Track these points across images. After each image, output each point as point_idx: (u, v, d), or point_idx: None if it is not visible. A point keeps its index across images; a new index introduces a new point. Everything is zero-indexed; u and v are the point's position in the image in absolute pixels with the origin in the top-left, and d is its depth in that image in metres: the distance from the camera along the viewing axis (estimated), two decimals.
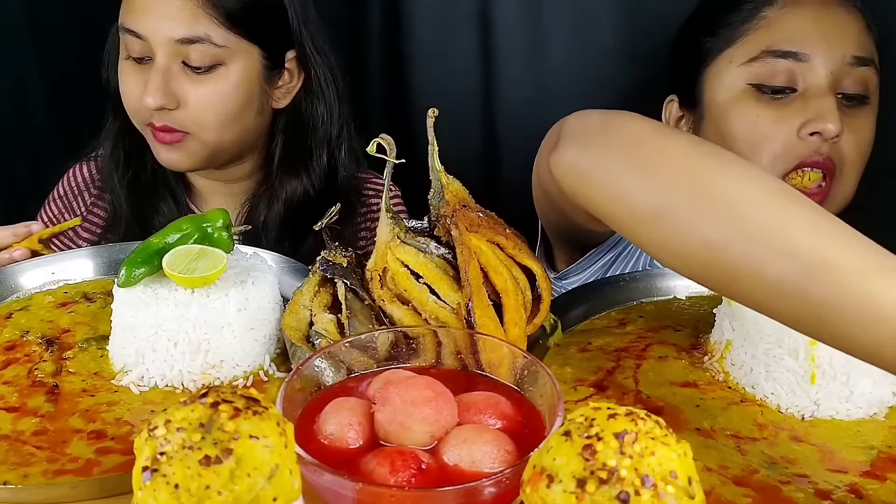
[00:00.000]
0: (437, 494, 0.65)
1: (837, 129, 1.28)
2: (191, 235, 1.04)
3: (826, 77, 1.31)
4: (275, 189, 1.54)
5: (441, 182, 1.00)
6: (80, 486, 0.82)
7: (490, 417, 0.74)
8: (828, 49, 1.31)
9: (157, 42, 1.38)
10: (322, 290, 1.02)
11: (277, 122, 1.56)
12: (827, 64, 1.31)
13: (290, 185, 1.53)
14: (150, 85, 1.37)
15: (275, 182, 1.54)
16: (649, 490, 0.52)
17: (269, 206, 1.54)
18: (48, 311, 1.14)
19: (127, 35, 1.41)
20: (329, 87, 1.55)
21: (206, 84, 1.40)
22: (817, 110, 1.30)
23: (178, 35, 1.37)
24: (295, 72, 1.53)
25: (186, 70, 1.39)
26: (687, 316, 1.14)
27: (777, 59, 1.33)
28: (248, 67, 1.44)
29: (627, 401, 0.96)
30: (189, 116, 1.41)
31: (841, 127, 1.29)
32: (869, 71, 1.32)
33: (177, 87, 1.39)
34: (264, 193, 1.56)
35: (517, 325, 0.94)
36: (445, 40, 1.84)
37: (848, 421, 0.93)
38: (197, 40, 1.38)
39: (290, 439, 0.58)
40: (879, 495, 0.82)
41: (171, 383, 0.98)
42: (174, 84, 1.39)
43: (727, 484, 0.83)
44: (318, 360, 0.79)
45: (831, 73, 1.31)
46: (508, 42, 1.78)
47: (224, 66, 1.41)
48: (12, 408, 0.95)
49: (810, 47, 1.32)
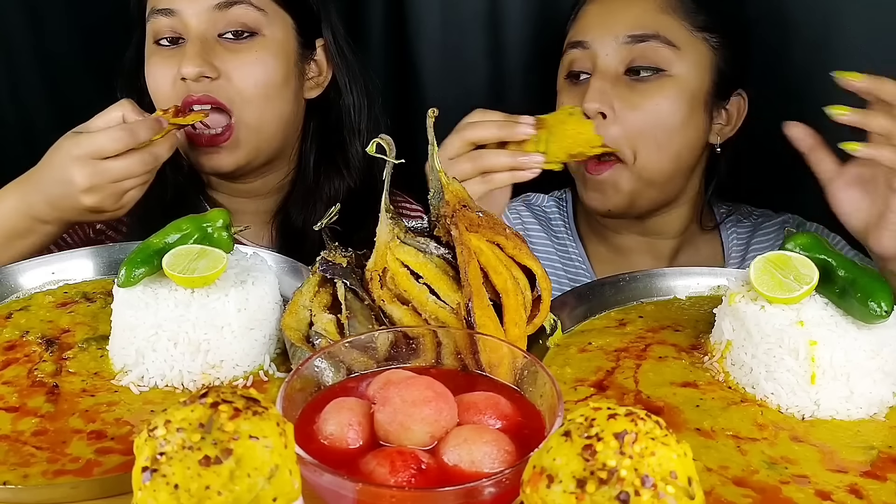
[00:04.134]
0: (437, 494, 0.65)
1: (594, 108, 1.35)
2: (191, 235, 1.04)
3: (603, 60, 1.39)
4: (314, 193, 1.50)
5: (441, 182, 1.00)
6: (81, 486, 0.82)
7: (490, 417, 0.74)
8: (602, 34, 1.40)
9: (193, 13, 1.35)
10: (322, 290, 1.02)
11: (309, 122, 1.53)
12: (602, 48, 1.40)
13: (332, 184, 1.50)
14: (189, 54, 1.33)
15: (314, 186, 1.50)
16: (649, 490, 0.52)
17: (310, 210, 1.49)
18: (48, 311, 1.14)
19: (157, 18, 1.37)
20: (356, 81, 1.53)
21: (247, 53, 1.37)
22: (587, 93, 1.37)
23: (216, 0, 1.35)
24: (324, 64, 1.51)
25: (223, 42, 1.37)
26: (687, 316, 1.14)
27: (571, 49, 1.45)
28: (284, 38, 1.42)
29: (627, 401, 0.96)
30: (232, 87, 1.36)
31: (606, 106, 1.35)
32: (653, 45, 1.37)
33: (215, 58, 1.35)
34: (297, 199, 1.51)
35: (517, 325, 0.94)
36: (450, 40, 1.84)
37: (848, 421, 0.93)
38: (236, 2, 1.36)
39: (290, 439, 0.58)
40: (879, 495, 0.82)
41: (171, 383, 0.98)
42: (212, 55, 1.35)
43: (727, 484, 0.83)
44: (318, 360, 0.79)
45: (607, 56, 1.39)
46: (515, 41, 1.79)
47: (262, 36, 1.39)
48: (12, 408, 0.95)
49: (590, 35, 1.42)
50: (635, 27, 1.38)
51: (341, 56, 1.52)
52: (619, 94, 1.37)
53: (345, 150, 1.52)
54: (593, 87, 1.37)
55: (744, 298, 0.98)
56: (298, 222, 1.50)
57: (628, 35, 1.38)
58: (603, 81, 1.38)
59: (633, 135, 1.37)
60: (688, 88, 1.39)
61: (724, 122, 1.47)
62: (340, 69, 1.51)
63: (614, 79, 1.38)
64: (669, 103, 1.38)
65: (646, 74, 1.37)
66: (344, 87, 1.52)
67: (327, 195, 1.50)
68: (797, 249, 0.99)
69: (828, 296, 0.96)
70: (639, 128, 1.37)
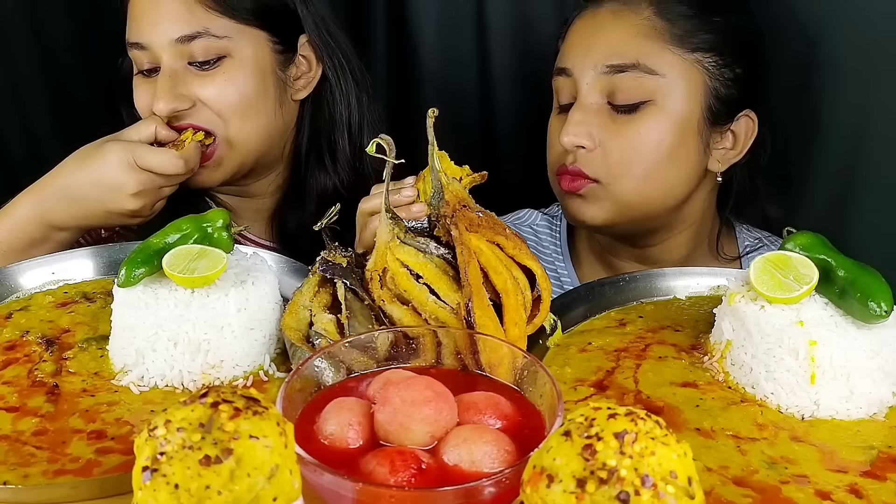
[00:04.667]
0: (437, 494, 0.65)
1: (572, 142, 1.30)
2: (191, 235, 1.04)
3: (583, 89, 1.32)
4: (304, 189, 1.52)
5: (441, 182, 1.00)
6: (80, 486, 0.82)
7: (490, 417, 0.74)
8: (582, 61, 1.33)
9: (159, 47, 1.36)
10: (322, 290, 1.02)
11: (303, 120, 1.53)
12: (583, 76, 1.32)
13: (319, 180, 1.51)
14: (159, 90, 1.35)
15: (303, 181, 1.52)
16: (649, 490, 0.52)
17: (301, 208, 1.51)
18: (48, 311, 1.14)
19: (134, 50, 1.39)
20: (345, 73, 1.52)
21: (216, 77, 1.38)
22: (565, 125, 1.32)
23: (177, 34, 1.35)
24: (312, 60, 1.50)
25: (193, 70, 1.37)
26: (687, 316, 1.14)
27: (558, 76, 1.38)
28: (256, 54, 1.41)
29: (627, 401, 0.96)
30: (208, 112, 1.38)
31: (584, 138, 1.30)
32: (634, 75, 1.29)
33: (185, 88, 1.37)
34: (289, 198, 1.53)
35: (517, 325, 0.94)
36: (448, 40, 1.84)
37: (848, 421, 0.93)
38: (196, 36, 1.35)
39: (290, 439, 0.58)
40: (879, 495, 0.82)
41: (171, 383, 0.98)
42: (182, 86, 1.37)
43: (727, 484, 0.83)
44: (318, 360, 0.79)
45: (587, 85, 1.32)
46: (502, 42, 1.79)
47: (230, 58, 1.38)
48: (12, 408, 0.95)
49: (571, 61, 1.35)
50: (613, 56, 1.30)
51: (327, 47, 1.50)
52: (601, 124, 1.30)
53: (333, 146, 1.52)
54: (571, 120, 1.31)
55: (744, 298, 0.98)
56: (293, 224, 1.52)
57: (606, 65, 1.30)
58: (583, 113, 1.31)
59: (614, 165, 1.31)
60: (675, 117, 1.30)
61: (728, 146, 1.37)
62: (328, 64, 1.51)
63: (596, 109, 1.31)
64: (654, 133, 1.30)
65: (628, 107, 1.30)
66: (333, 80, 1.51)
67: (315, 192, 1.51)
68: (797, 249, 0.99)
69: (828, 296, 0.96)
70: (621, 159, 1.30)
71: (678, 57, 1.30)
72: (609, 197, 1.33)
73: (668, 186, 1.34)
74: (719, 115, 1.34)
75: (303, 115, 1.53)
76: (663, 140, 1.30)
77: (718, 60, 1.32)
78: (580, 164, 1.32)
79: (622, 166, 1.31)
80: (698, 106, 1.32)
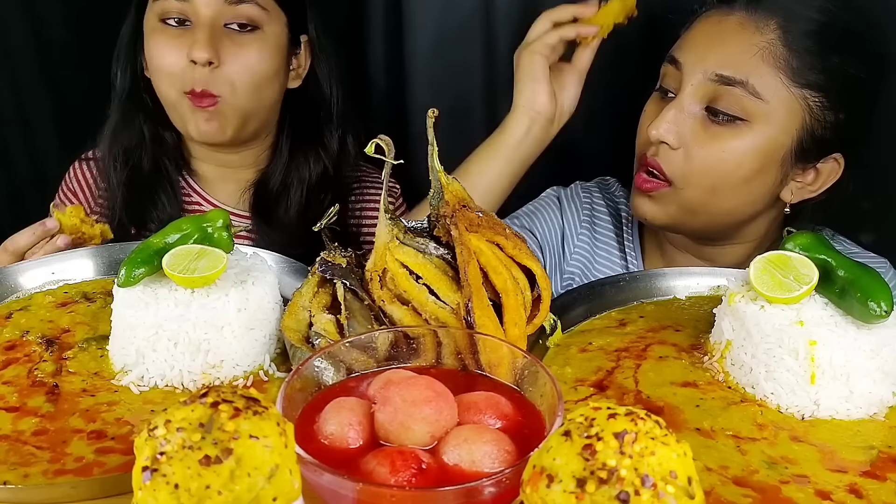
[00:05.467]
0: (437, 494, 0.65)
1: (658, 136, 1.32)
2: (191, 235, 1.04)
3: (687, 89, 1.32)
4: (290, 170, 1.59)
5: (441, 182, 1.00)
6: (81, 486, 0.82)
7: (490, 417, 0.74)
8: (695, 62, 1.33)
9: (205, 2, 1.42)
10: (321, 290, 1.02)
11: (287, 106, 1.61)
12: (691, 75, 1.33)
13: (309, 165, 1.59)
14: (200, 39, 1.41)
15: (292, 165, 1.59)
16: (649, 490, 0.53)
17: (284, 187, 1.58)
18: (48, 311, 1.14)
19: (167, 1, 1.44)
20: (333, 73, 1.61)
21: (248, 46, 1.46)
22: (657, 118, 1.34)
23: None
24: (304, 58, 1.59)
25: (228, 32, 1.45)
26: (687, 316, 1.14)
27: (668, 64, 1.38)
28: (279, 35, 1.51)
29: (627, 401, 0.96)
30: (225, 78, 1.44)
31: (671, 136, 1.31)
32: (738, 91, 1.28)
33: (220, 46, 1.43)
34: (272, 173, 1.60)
35: (517, 325, 0.94)
36: (447, 40, 1.84)
37: (848, 421, 0.93)
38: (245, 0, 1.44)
39: (290, 439, 0.58)
40: (879, 495, 0.82)
41: (171, 383, 0.98)
42: (217, 43, 1.43)
43: (727, 484, 0.83)
44: (318, 360, 0.79)
45: (692, 86, 1.32)
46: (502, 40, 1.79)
47: (261, 31, 1.47)
48: (12, 408, 0.95)
49: (686, 57, 1.35)
50: (725, 66, 1.29)
51: (323, 50, 1.60)
52: (692, 129, 1.31)
53: (321, 135, 1.61)
54: (665, 116, 1.32)
55: (743, 298, 0.98)
56: (273, 191, 1.59)
57: (716, 73, 1.29)
58: (678, 112, 1.32)
59: (692, 171, 1.32)
60: (764, 144, 1.29)
61: (808, 182, 1.36)
62: (320, 62, 1.60)
63: (693, 112, 1.32)
64: (739, 154, 1.30)
65: (724, 118, 1.30)
66: (323, 78, 1.61)
67: (303, 175, 1.59)
68: (797, 249, 0.99)
69: (828, 296, 0.96)
70: (700, 167, 1.31)
71: (786, 88, 1.29)
72: (676, 202, 1.35)
73: (734, 206, 1.35)
74: (808, 152, 1.32)
75: (290, 105, 1.61)
76: (745, 163, 1.30)
77: (824, 102, 1.30)
78: (660, 160, 1.34)
79: (697, 175, 1.32)
80: (790, 140, 1.30)
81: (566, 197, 1.60)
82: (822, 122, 1.30)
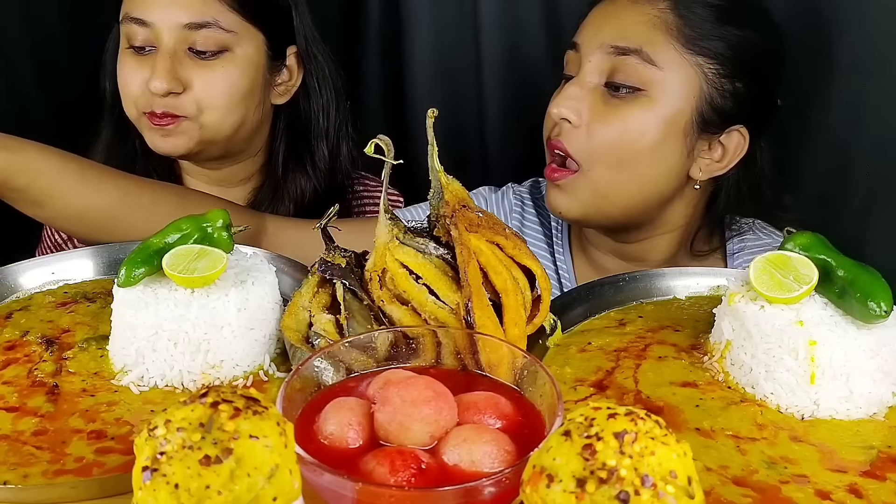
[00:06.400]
0: (437, 494, 0.65)
1: (559, 114, 1.33)
2: (191, 235, 1.04)
3: (586, 66, 1.34)
4: (282, 189, 1.57)
5: (440, 182, 1.00)
6: (80, 486, 0.82)
7: (490, 417, 0.74)
8: (591, 39, 1.35)
9: (164, 27, 1.39)
10: (321, 290, 1.02)
11: (279, 121, 1.58)
12: (588, 53, 1.34)
13: (298, 183, 1.56)
14: (158, 69, 1.39)
15: (281, 182, 1.57)
16: (649, 490, 0.53)
17: (276, 207, 1.56)
18: (48, 311, 1.14)
19: (131, 25, 1.42)
20: (326, 86, 1.58)
21: (214, 69, 1.42)
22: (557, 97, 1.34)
23: (187, 20, 1.39)
24: (295, 70, 1.56)
25: (192, 56, 1.41)
26: (687, 316, 1.14)
27: (568, 50, 1.39)
28: (253, 54, 1.46)
29: (627, 401, 0.96)
30: (192, 100, 1.42)
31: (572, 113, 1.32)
32: (634, 60, 1.30)
33: (183, 72, 1.40)
34: (266, 194, 1.58)
35: (517, 325, 0.94)
36: (444, 41, 1.85)
37: (848, 421, 0.93)
38: (205, 25, 1.40)
39: (290, 439, 0.58)
40: (879, 495, 0.82)
41: (171, 383, 0.98)
42: (180, 69, 1.40)
43: (727, 484, 0.83)
44: (318, 360, 0.79)
45: (589, 62, 1.34)
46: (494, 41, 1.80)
47: (230, 52, 1.44)
48: (12, 408, 0.94)
49: (582, 38, 1.36)
50: (620, 38, 1.32)
51: (312, 62, 1.56)
52: (593, 105, 1.32)
53: (312, 151, 1.58)
54: (564, 93, 1.34)
55: (743, 298, 0.98)
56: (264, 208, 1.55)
57: (611, 45, 1.32)
58: (578, 88, 1.34)
59: (595, 148, 1.32)
60: (664, 113, 1.31)
61: (715, 158, 1.37)
62: (310, 74, 1.57)
63: (592, 88, 1.33)
64: (639, 124, 1.31)
65: (623, 92, 1.31)
66: (313, 91, 1.58)
67: (293, 193, 1.57)
68: (797, 249, 0.99)
69: (827, 296, 0.96)
70: (602, 142, 1.32)
71: (679, 55, 1.31)
72: (586, 186, 1.34)
73: (644, 182, 1.35)
74: (710, 122, 1.34)
75: (281, 121, 1.59)
76: (646, 132, 1.32)
77: (720, 70, 1.32)
78: (563, 139, 1.34)
79: (601, 151, 1.32)
80: (689, 108, 1.32)
81: (496, 201, 1.58)
82: (720, 90, 1.33)
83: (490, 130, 1.90)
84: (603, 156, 1.32)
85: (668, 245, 1.45)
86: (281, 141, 1.59)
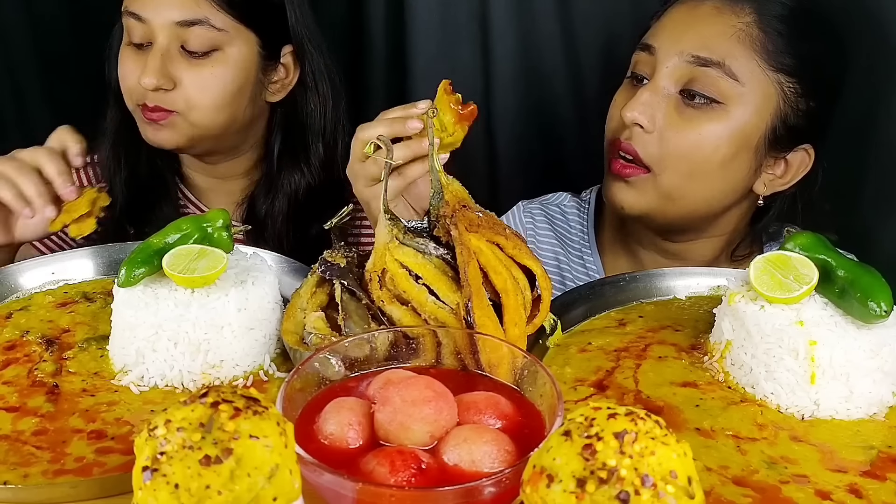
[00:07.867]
0: (437, 494, 0.65)
1: (633, 118, 1.31)
2: (191, 235, 1.04)
3: (662, 71, 1.32)
4: (276, 184, 1.57)
5: (441, 182, 1.00)
6: (80, 486, 0.82)
7: (490, 417, 0.74)
8: (670, 45, 1.33)
9: (157, 24, 1.41)
10: (318, 290, 1.02)
11: (275, 117, 1.59)
12: (665, 58, 1.32)
13: (292, 179, 1.57)
14: (149, 66, 1.41)
15: (276, 177, 1.58)
16: (649, 490, 0.53)
17: (271, 201, 1.57)
18: (48, 311, 1.14)
19: (129, 19, 1.44)
20: (323, 82, 1.58)
21: (204, 67, 1.44)
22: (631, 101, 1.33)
23: (178, 17, 1.40)
24: (291, 67, 1.56)
25: (184, 54, 1.43)
26: (687, 316, 1.14)
27: (640, 51, 1.38)
28: (245, 54, 1.47)
29: (627, 401, 0.96)
30: (182, 97, 1.43)
31: (645, 118, 1.30)
32: (714, 73, 1.29)
33: (174, 69, 1.42)
34: (262, 189, 1.59)
35: (517, 325, 0.94)
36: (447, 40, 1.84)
37: (848, 421, 0.93)
38: (196, 23, 1.41)
39: (290, 439, 0.58)
40: (879, 495, 0.82)
41: (171, 383, 0.98)
42: (171, 66, 1.42)
43: (727, 484, 0.83)
44: (318, 360, 0.79)
45: (666, 69, 1.32)
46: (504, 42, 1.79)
47: (221, 51, 1.45)
48: (12, 408, 0.95)
49: (660, 41, 1.35)
50: (702, 48, 1.29)
51: (308, 60, 1.56)
52: (667, 112, 1.31)
53: (307, 147, 1.58)
54: (639, 98, 1.32)
55: (743, 298, 0.98)
56: (262, 212, 1.58)
57: (692, 54, 1.30)
58: (653, 94, 1.31)
59: (667, 155, 1.31)
60: (740, 128, 1.30)
61: (778, 174, 1.36)
62: (307, 71, 1.57)
63: (667, 95, 1.31)
64: (714, 137, 1.30)
65: (699, 101, 1.29)
66: (310, 88, 1.57)
67: (288, 188, 1.57)
68: (797, 249, 0.99)
69: (827, 296, 0.96)
70: (675, 151, 1.30)
71: (762, 71, 1.30)
72: (654, 188, 1.33)
73: (711, 193, 1.35)
74: (781, 140, 1.33)
75: (277, 117, 1.59)
76: (721, 146, 1.30)
77: (797, 88, 1.31)
78: (634, 143, 1.33)
79: (674, 159, 1.31)
80: (764, 124, 1.31)
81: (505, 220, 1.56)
82: (795, 108, 1.32)
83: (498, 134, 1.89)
84: (674, 164, 1.31)
85: (712, 248, 1.45)
86: (277, 136, 1.59)
